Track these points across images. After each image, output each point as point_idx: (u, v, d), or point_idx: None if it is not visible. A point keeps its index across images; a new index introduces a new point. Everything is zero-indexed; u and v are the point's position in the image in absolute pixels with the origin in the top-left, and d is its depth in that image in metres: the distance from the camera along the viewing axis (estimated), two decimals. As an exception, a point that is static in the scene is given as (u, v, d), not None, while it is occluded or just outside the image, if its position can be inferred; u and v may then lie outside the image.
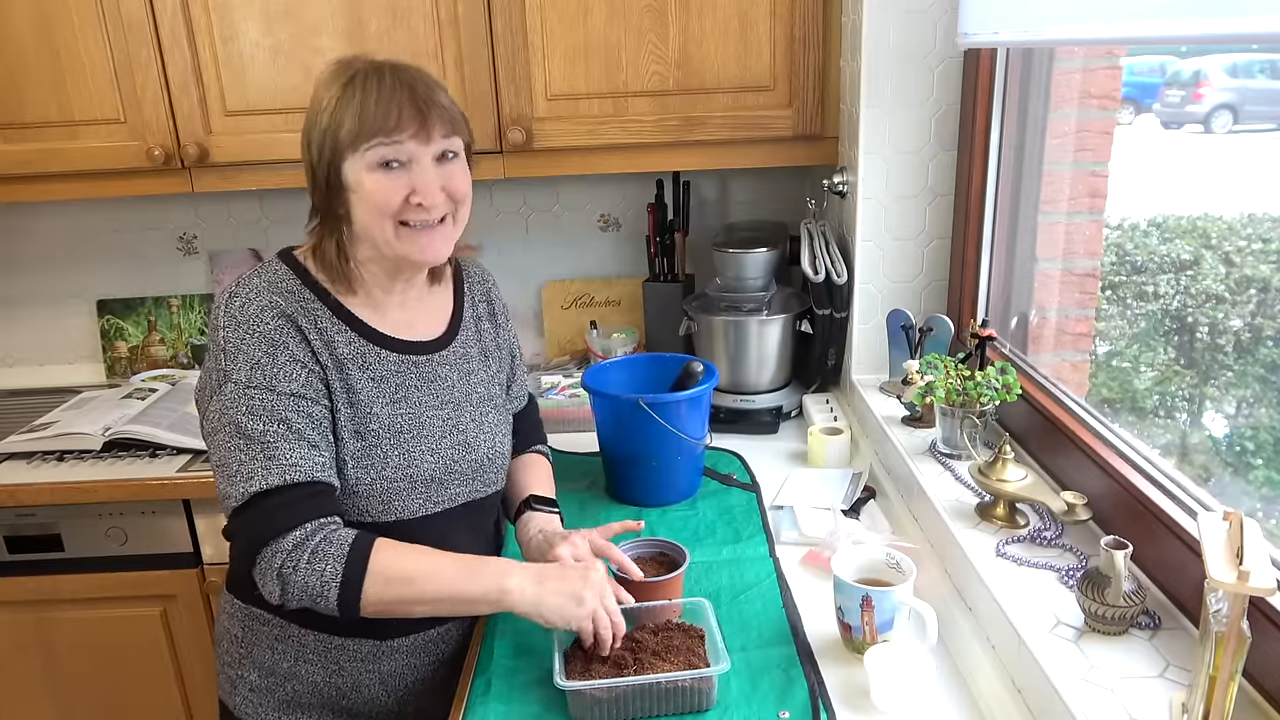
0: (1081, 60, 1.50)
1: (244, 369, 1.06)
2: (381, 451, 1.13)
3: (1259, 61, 2.15)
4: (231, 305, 1.09)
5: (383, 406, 1.14)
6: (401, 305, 1.21)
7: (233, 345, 1.07)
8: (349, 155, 1.07)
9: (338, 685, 1.20)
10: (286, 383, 1.07)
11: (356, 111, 1.06)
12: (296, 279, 1.14)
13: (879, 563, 1.17)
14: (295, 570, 1.02)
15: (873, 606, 1.10)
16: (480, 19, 1.80)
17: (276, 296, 1.10)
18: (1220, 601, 0.77)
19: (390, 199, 1.08)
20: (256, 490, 1.03)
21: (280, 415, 1.06)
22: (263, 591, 1.05)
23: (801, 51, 1.80)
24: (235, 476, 1.04)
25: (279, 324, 1.09)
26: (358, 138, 1.06)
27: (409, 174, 1.09)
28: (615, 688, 1.02)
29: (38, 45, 1.81)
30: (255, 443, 1.04)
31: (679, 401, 1.52)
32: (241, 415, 1.05)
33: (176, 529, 1.84)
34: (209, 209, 2.29)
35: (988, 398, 1.36)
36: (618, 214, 2.28)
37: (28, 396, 2.23)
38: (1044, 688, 0.94)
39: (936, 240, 1.75)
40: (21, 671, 1.94)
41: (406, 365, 1.18)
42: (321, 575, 1.02)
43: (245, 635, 1.21)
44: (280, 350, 1.08)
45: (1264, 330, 1.64)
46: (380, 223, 1.09)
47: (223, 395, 1.06)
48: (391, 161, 1.08)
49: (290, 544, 1.03)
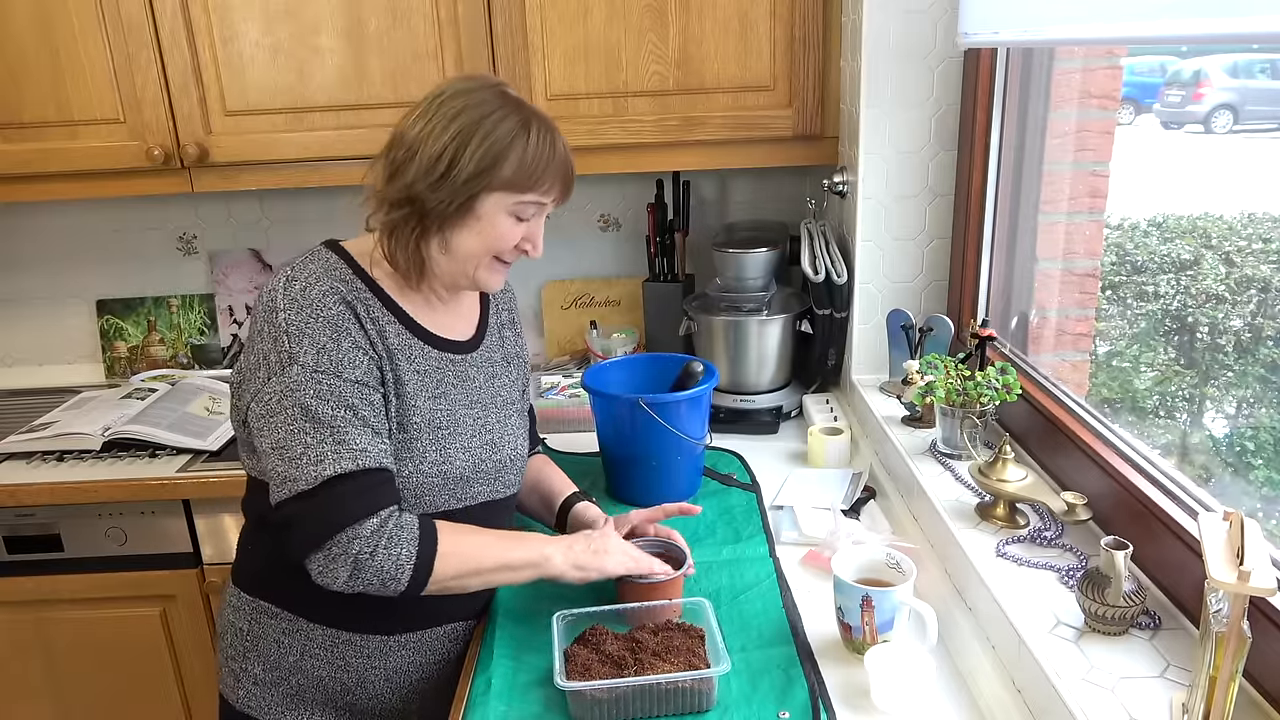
0: (1081, 60, 1.50)
1: (310, 352, 1.05)
2: (421, 446, 1.14)
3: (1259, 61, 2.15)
4: (291, 288, 1.08)
5: (425, 400, 1.16)
6: (447, 309, 1.23)
7: (296, 328, 1.06)
8: (496, 193, 1.10)
9: (343, 680, 1.21)
10: (351, 369, 1.07)
11: (528, 162, 1.10)
12: (349, 268, 1.14)
13: (879, 563, 1.17)
14: (373, 556, 1.03)
15: (873, 607, 1.10)
16: (480, 19, 1.80)
17: (336, 283, 1.10)
18: (1220, 601, 0.77)
19: (508, 243, 1.15)
20: (330, 475, 1.03)
21: (347, 401, 1.06)
22: (323, 574, 1.04)
23: (801, 51, 1.80)
24: (301, 459, 1.04)
25: (341, 310, 1.09)
26: (517, 185, 1.10)
27: (529, 224, 1.16)
28: (615, 688, 1.02)
29: (38, 45, 1.81)
30: (325, 426, 1.04)
31: (679, 401, 1.52)
32: (310, 398, 1.04)
33: (176, 529, 1.84)
34: (209, 209, 2.29)
35: (988, 398, 1.36)
36: (618, 214, 2.28)
37: (27, 396, 2.23)
38: (1044, 688, 0.94)
39: (936, 240, 1.75)
40: (21, 671, 1.94)
41: (445, 362, 1.20)
42: (397, 559, 1.04)
43: (251, 629, 1.21)
44: (344, 336, 1.08)
45: (1264, 330, 1.64)
46: (482, 257, 1.15)
47: (287, 376, 1.05)
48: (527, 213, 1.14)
49: (369, 530, 1.04)
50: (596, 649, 1.09)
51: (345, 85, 1.85)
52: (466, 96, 1.10)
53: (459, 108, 1.09)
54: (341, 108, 1.86)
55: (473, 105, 1.10)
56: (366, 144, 1.88)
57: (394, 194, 1.11)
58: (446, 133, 1.08)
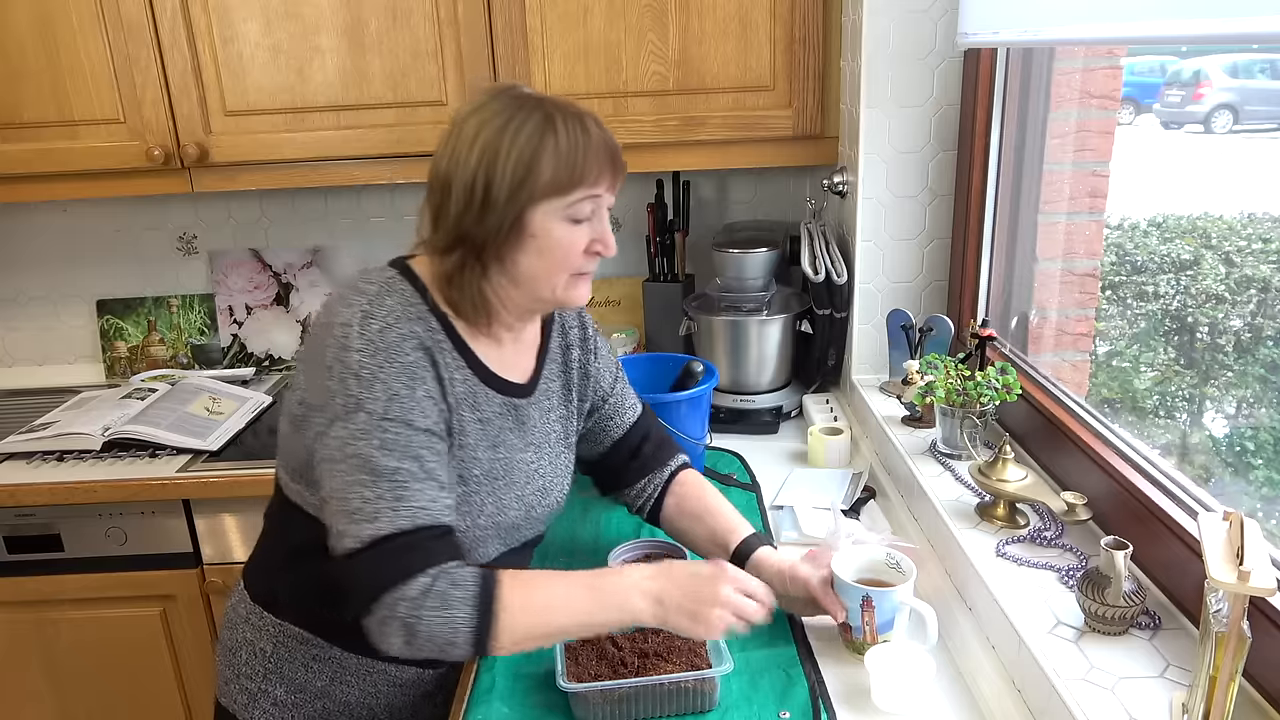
0: (1081, 60, 1.50)
1: (380, 399, 0.98)
2: (479, 499, 1.09)
3: (1259, 61, 2.15)
4: (368, 328, 1.00)
5: (484, 451, 1.10)
6: (513, 341, 1.16)
7: (369, 372, 0.98)
8: (543, 202, 1.02)
9: (370, 706, 1.18)
10: (422, 418, 1.00)
11: (564, 158, 1.01)
12: (425, 305, 1.06)
13: (879, 563, 1.17)
14: (420, 620, 0.95)
15: (873, 607, 1.10)
16: (480, 19, 1.80)
17: (415, 325, 1.03)
18: (1220, 601, 0.77)
19: (576, 251, 1.06)
20: (382, 534, 0.96)
21: (414, 452, 0.99)
22: (380, 641, 0.97)
23: (801, 51, 1.80)
24: (356, 515, 0.96)
25: (418, 356, 1.02)
26: (560, 187, 1.02)
27: (591, 224, 1.07)
28: (617, 689, 1.02)
29: (38, 45, 1.81)
30: (385, 480, 0.97)
31: (679, 401, 1.52)
32: (373, 449, 0.97)
33: (176, 529, 1.83)
34: (209, 209, 2.29)
35: (988, 398, 1.36)
36: (618, 214, 2.28)
37: (28, 396, 2.23)
38: (1044, 688, 0.95)
39: (936, 240, 1.75)
40: (21, 671, 1.94)
41: (507, 408, 1.13)
42: (450, 622, 0.95)
43: (276, 651, 1.16)
44: (419, 383, 1.01)
45: (1264, 330, 1.64)
46: (557, 274, 1.06)
47: (352, 423, 0.98)
48: (585, 213, 1.05)
49: (416, 591, 0.95)
50: (598, 649, 1.09)
51: (345, 85, 1.85)
52: (481, 113, 1.03)
53: (477, 127, 1.02)
54: (341, 108, 1.86)
55: (489, 120, 1.02)
56: (366, 144, 1.88)
57: (442, 240, 1.05)
58: (472, 157, 1.01)
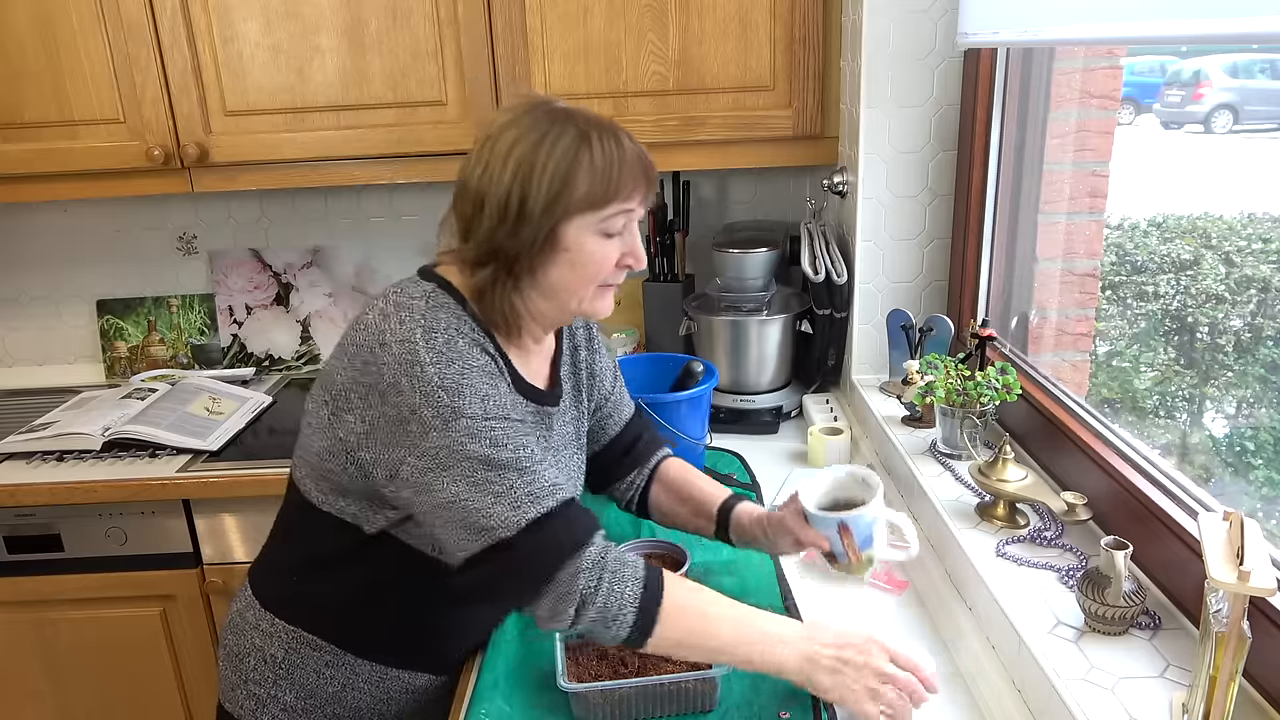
0: (1081, 60, 1.51)
1: (475, 402, 0.99)
2: None
3: (1259, 61, 2.15)
4: (434, 341, 1.00)
5: None
6: (537, 352, 1.17)
7: (452, 380, 0.98)
8: (576, 217, 1.02)
9: (381, 713, 1.18)
10: (515, 410, 1.03)
11: (599, 173, 1.01)
12: (467, 315, 1.06)
13: (844, 482, 1.17)
14: (597, 590, 0.97)
15: (850, 531, 1.10)
16: (480, 19, 1.80)
17: (471, 333, 1.04)
18: (1220, 601, 0.77)
19: (608, 265, 1.06)
20: (536, 515, 0.97)
21: (521, 441, 1.00)
22: (552, 619, 0.98)
23: (801, 51, 1.80)
24: (493, 511, 0.97)
25: (487, 359, 1.03)
26: (595, 201, 1.02)
27: (622, 238, 1.07)
28: (618, 689, 1.02)
29: (38, 45, 1.81)
30: (511, 470, 0.98)
31: (679, 401, 1.52)
32: (486, 448, 0.98)
33: (176, 529, 1.83)
34: (209, 209, 2.29)
35: (988, 398, 1.36)
36: (618, 214, 2.28)
37: (28, 396, 2.23)
38: (1044, 688, 0.95)
39: (936, 240, 1.75)
40: (21, 672, 1.94)
41: (540, 416, 1.15)
42: (621, 597, 0.97)
43: (288, 657, 1.15)
44: (499, 381, 1.03)
45: (1264, 330, 1.64)
46: (586, 286, 1.07)
47: (453, 431, 0.97)
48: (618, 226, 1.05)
49: (590, 561, 0.97)
50: (598, 650, 1.09)
51: (345, 85, 1.85)
52: (516, 127, 1.03)
53: (512, 141, 1.02)
54: (341, 108, 1.86)
55: (524, 133, 1.02)
56: (366, 144, 1.88)
57: (473, 253, 1.05)
58: (507, 171, 1.01)
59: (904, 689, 0.98)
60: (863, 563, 1.12)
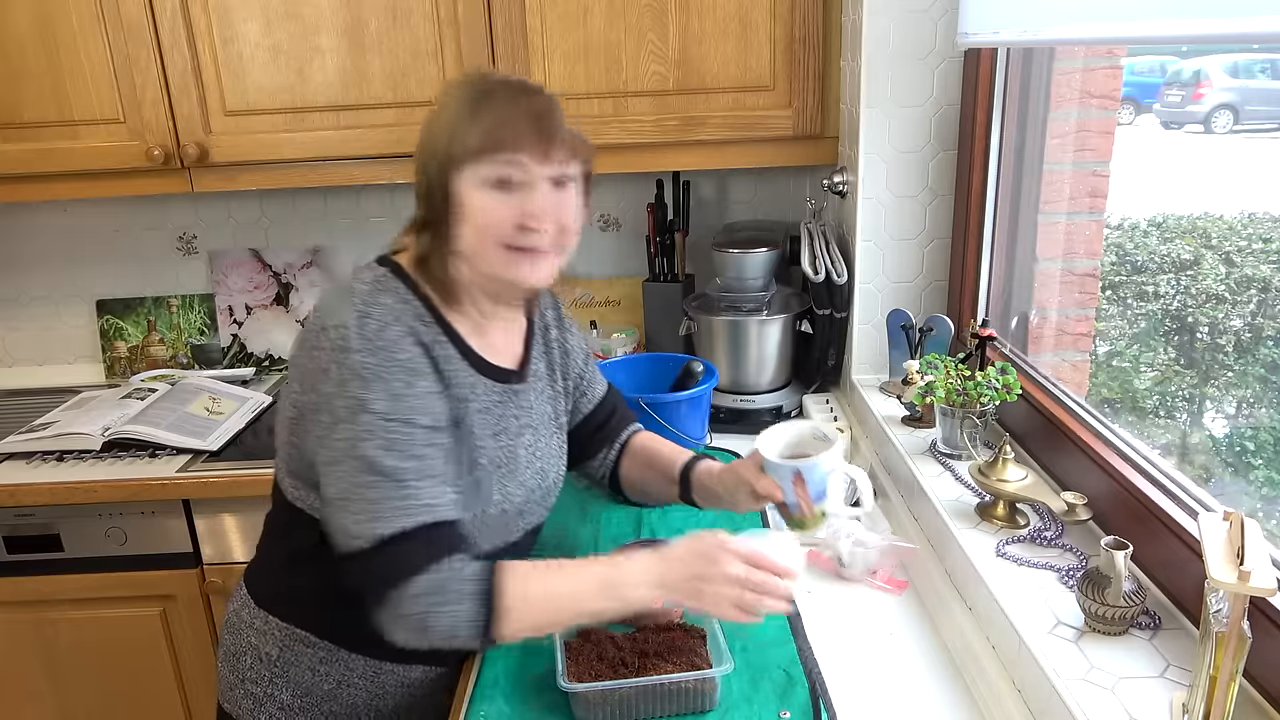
0: (1081, 60, 1.51)
1: (383, 399, 0.99)
2: (488, 487, 1.10)
3: (1259, 61, 2.16)
4: (365, 328, 1.00)
5: (489, 439, 1.11)
6: (497, 329, 1.17)
7: (370, 372, 0.99)
8: (463, 169, 1.03)
9: (378, 708, 1.18)
10: (423, 415, 1.01)
11: (484, 124, 1.02)
12: (419, 301, 1.08)
13: (807, 437, 1.17)
14: (429, 614, 0.97)
15: (804, 480, 1.09)
16: (480, 19, 1.80)
17: (411, 322, 1.04)
18: (1221, 601, 0.77)
19: (501, 222, 1.04)
20: (388, 533, 0.97)
21: (416, 451, 1.00)
22: (392, 635, 0.99)
23: (801, 51, 1.80)
24: (361, 516, 0.98)
25: (416, 352, 1.03)
26: (479, 152, 1.02)
27: (522, 197, 1.04)
28: (618, 689, 1.02)
29: (38, 45, 1.81)
30: (389, 480, 0.98)
31: (679, 401, 1.52)
32: (377, 450, 0.98)
33: (176, 529, 1.83)
34: (209, 209, 2.29)
35: (988, 398, 1.36)
36: (618, 214, 2.28)
37: (28, 396, 2.23)
38: (1044, 688, 0.95)
39: (936, 240, 1.75)
40: (21, 672, 1.94)
41: (506, 395, 1.15)
42: (456, 617, 0.97)
43: (282, 655, 1.16)
44: (419, 380, 1.02)
45: (1264, 330, 1.64)
46: (487, 246, 1.05)
47: (355, 425, 0.98)
48: (506, 181, 1.03)
49: (422, 588, 0.97)
50: (598, 649, 1.09)
51: (345, 85, 1.85)
52: (444, 93, 1.07)
53: (437, 110, 1.07)
54: (341, 108, 1.86)
55: (442, 96, 1.07)
56: (366, 144, 1.88)
57: (415, 221, 1.09)
58: (422, 137, 1.06)
59: (760, 588, 1.01)
60: (816, 517, 1.12)
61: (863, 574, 1.32)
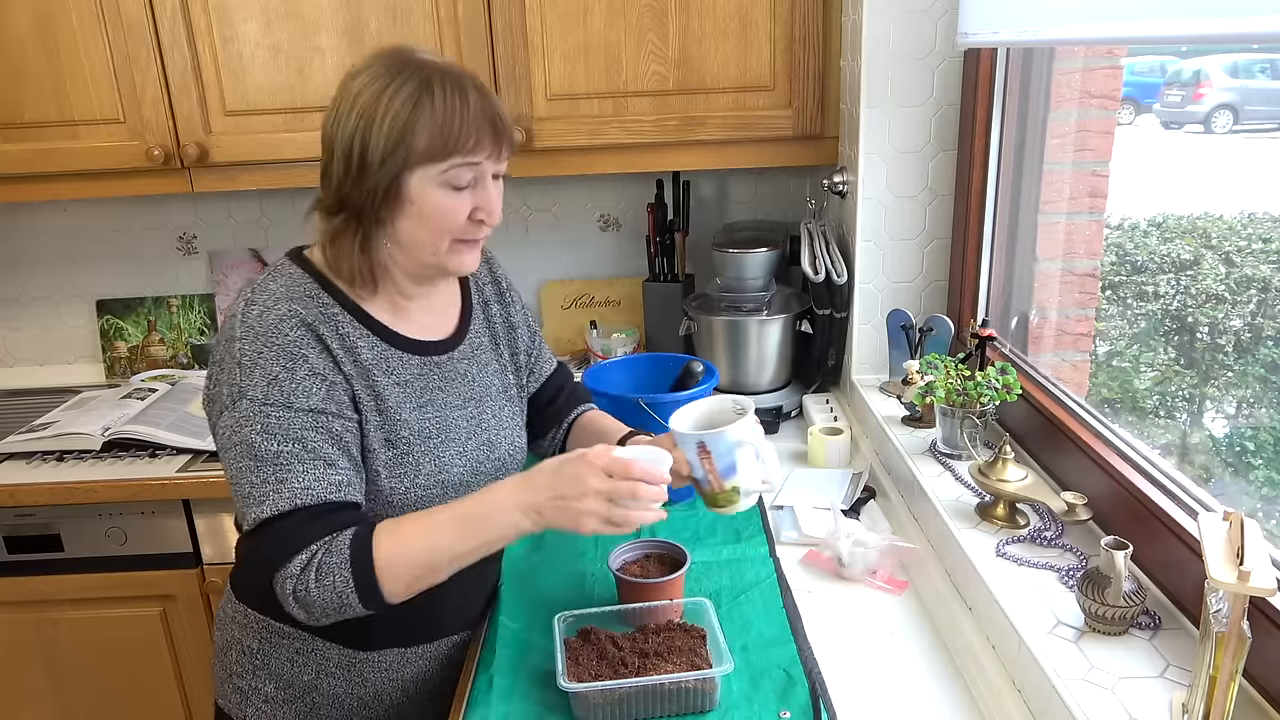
0: (1081, 60, 1.51)
1: (260, 385, 1.01)
2: (414, 459, 1.11)
3: (1259, 61, 2.16)
4: (249, 315, 1.03)
5: (410, 412, 1.11)
6: (420, 307, 1.17)
7: (249, 359, 1.01)
8: (419, 169, 1.02)
9: (360, 696, 1.18)
10: (305, 398, 1.02)
11: (439, 125, 1.01)
12: (314, 282, 1.08)
13: (726, 411, 1.15)
14: (308, 592, 0.98)
15: (709, 452, 1.07)
16: (480, 19, 1.80)
17: (296, 304, 1.05)
18: (1220, 601, 0.77)
19: (456, 219, 1.06)
20: (267, 516, 0.99)
21: (295, 434, 1.01)
22: (292, 615, 1.01)
23: (801, 51, 1.80)
24: (247, 499, 1.00)
25: (299, 334, 1.03)
26: (437, 154, 1.02)
27: (473, 192, 1.06)
28: (617, 689, 1.02)
29: (38, 45, 1.81)
30: (268, 464, 1.00)
31: (679, 402, 1.51)
32: (256, 434, 1.00)
33: (176, 529, 1.84)
34: (209, 209, 2.29)
35: (988, 398, 1.36)
36: (617, 214, 2.28)
37: (28, 396, 2.23)
38: (1044, 688, 0.95)
39: (936, 240, 1.75)
40: (21, 671, 1.94)
41: (429, 367, 1.15)
42: (334, 589, 0.98)
43: (261, 648, 1.17)
44: (299, 364, 1.03)
45: (1264, 330, 1.64)
46: (438, 240, 1.07)
47: (236, 411, 1.01)
48: (464, 181, 1.05)
49: (298, 568, 0.98)
50: (598, 650, 1.09)
51: (345, 85, 1.85)
52: (365, 74, 1.05)
53: (358, 89, 1.04)
54: (341, 108, 1.86)
55: (370, 82, 1.03)
56: (366, 144, 1.88)
57: (328, 201, 1.07)
58: (350, 120, 1.03)
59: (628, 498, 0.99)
60: (726, 492, 1.09)
61: (863, 574, 1.32)
